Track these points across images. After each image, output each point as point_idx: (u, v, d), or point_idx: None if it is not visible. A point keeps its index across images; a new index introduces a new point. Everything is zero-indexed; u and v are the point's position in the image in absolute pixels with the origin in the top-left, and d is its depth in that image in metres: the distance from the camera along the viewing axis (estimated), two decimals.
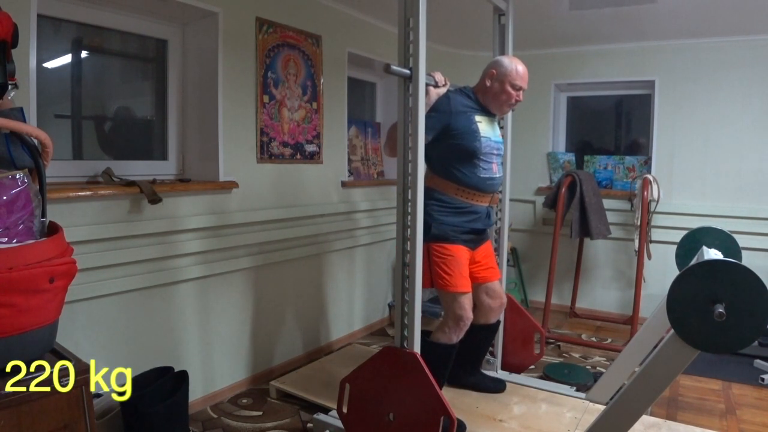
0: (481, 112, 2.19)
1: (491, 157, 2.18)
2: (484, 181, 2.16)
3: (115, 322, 2.11)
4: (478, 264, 2.30)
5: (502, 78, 2.15)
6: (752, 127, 3.47)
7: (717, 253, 2.00)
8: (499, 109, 2.23)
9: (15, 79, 1.41)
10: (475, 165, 2.14)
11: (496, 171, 2.21)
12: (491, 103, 2.20)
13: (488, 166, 2.17)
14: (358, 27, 3.33)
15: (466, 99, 2.19)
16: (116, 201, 2.07)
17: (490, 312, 2.39)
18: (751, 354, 2.99)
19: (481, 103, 2.21)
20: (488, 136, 2.17)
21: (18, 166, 1.33)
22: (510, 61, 2.17)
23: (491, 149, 2.17)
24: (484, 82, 2.20)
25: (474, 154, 2.12)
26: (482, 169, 2.15)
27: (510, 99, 2.17)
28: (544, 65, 4.05)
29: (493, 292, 2.37)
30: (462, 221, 2.16)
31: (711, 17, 3.16)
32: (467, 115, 2.13)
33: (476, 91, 2.23)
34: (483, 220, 2.23)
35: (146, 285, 2.20)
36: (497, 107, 2.21)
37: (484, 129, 2.16)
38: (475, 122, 2.14)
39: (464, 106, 2.15)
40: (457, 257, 2.14)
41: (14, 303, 1.19)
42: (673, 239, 2.77)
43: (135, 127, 2.57)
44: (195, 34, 2.50)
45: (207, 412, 2.42)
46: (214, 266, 2.46)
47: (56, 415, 1.25)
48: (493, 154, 2.19)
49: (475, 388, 2.48)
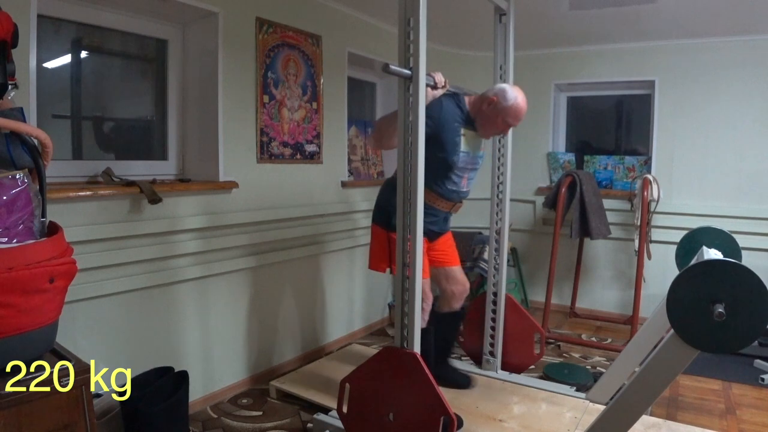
0: (467, 125, 2.17)
1: (465, 172, 2.20)
2: (450, 192, 2.20)
3: (115, 322, 2.11)
4: (436, 251, 2.37)
5: (500, 111, 2.11)
6: (752, 127, 3.47)
7: (717, 253, 1.99)
8: (484, 134, 2.22)
9: (15, 79, 1.41)
10: (447, 177, 2.16)
11: (464, 185, 2.24)
12: (480, 124, 2.18)
13: (459, 180, 2.20)
14: (358, 27, 3.33)
15: (457, 109, 2.15)
16: (116, 201, 2.08)
17: (452, 298, 2.45)
18: (751, 354, 2.99)
19: (471, 116, 2.18)
20: (468, 150, 2.18)
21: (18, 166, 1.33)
22: (514, 98, 2.11)
23: (467, 164, 2.19)
24: (481, 104, 2.15)
25: (449, 167, 2.14)
26: (452, 182, 2.18)
27: (498, 130, 2.19)
28: (544, 65, 4.05)
29: (453, 278, 2.43)
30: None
31: (711, 17, 3.16)
32: (454, 127, 2.12)
33: (469, 104, 2.20)
34: (440, 223, 2.28)
35: (146, 285, 2.20)
36: (484, 131, 2.20)
37: (466, 143, 2.17)
38: (460, 135, 2.14)
39: (453, 117, 2.12)
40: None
41: (14, 303, 1.19)
42: (673, 239, 2.77)
43: (135, 127, 2.57)
44: (195, 34, 2.50)
45: (207, 412, 2.42)
46: (214, 266, 2.46)
47: (56, 415, 1.25)
48: (468, 168, 2.21)
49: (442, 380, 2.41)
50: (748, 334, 1.28)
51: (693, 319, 1.32)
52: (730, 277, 1.29)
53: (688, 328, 1.33)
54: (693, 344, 1.34)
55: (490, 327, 2.63)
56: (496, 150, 2.58)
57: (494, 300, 2.62)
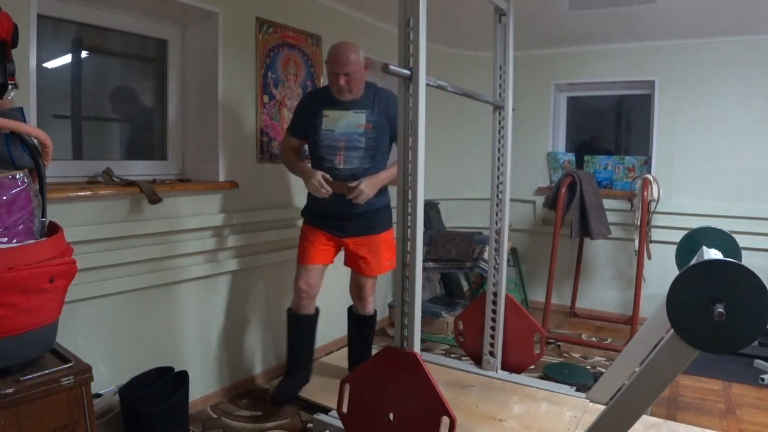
0: (333, 105, 2.26)
1: (335, 150, 2.25)
2: (327, 171, 2.25)
3: (115, 322, 2.11)
4: (350, 253, 2.44)
5: (327, 66, 2.23)
6: (752, 127, 3.47)
7: (717, 253, 1.99)
8: (336, 95, 2.24)
9: (15, 79, 1.41)
10: (320, 157, 2.28)
11: (340, 162, 2.26)
12: (332, 91, 2.25)
13: (331, 158, 2.26)
14: (358, 27, 3.33)
15: (322, 93, 2.32)
16: (116, 201, 2.07)
17: (356, 301, 2.56)
18: (751, 354, 2.99)
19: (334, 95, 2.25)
20: (332, 128, 2.25)
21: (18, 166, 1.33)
22: (331, 47, 2.22)
23: (334, 141, 2.25)
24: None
25: (315, 148, 2.29)
26: (326, 160, 2.26)
27: (336, 86, 2.20)
28: (544, 65, 4.05)
29: (356, 287, 2.51)
30: (314, 204, 2.38)
31: (711, 17, 3.16)
32: (315, 109, 2.27)
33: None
34: (327, 205, 2.29)
35: (146, 285, 2.20)
36: (335, 94, 2.24)
37: (329, 122, 2.25)
38: (321, 116, 2.26)
39: (315, 102, 2.30)
40: (306, 234, 2.41)
41: (14, 303, 1.19)
42: (673, 239, 2.77)
43: (135, 128, 2.57)
44: (195, 34, 2.50)
45: (207, 412, 2.42)
46: (214, 266, 2.46)
47: (56, 415, 1.26)
48: (338, 147, 2.25)
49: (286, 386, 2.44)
50: (748, 334, 1.28)
51: (693, 319, 1.32)
52: (730, 277, 1.29)
53: (688, 328, 1.33)
54: (693, 344, 1.34)
55: (490, 327, 2.62)
56: (496, 150, 2.58)
57: (494, 300, 2.62)
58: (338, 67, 2.16)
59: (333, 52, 2.18)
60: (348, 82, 2.19)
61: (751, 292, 1.27)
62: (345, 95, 2.23)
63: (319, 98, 2.31)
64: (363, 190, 2.21)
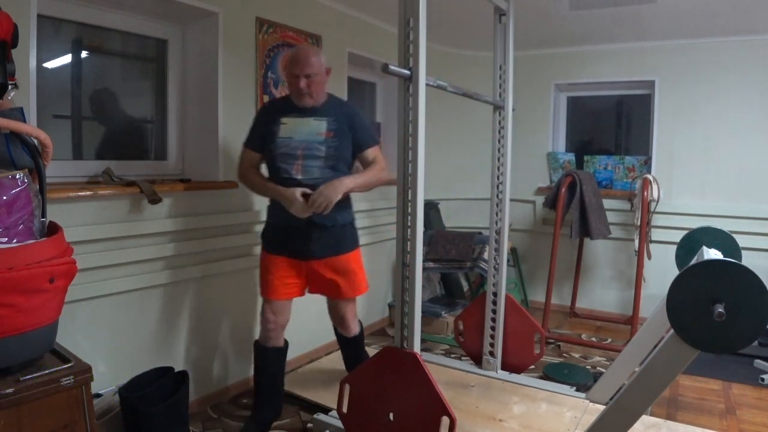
0: (292, 112, 2.13)
1: (290, 159, 2.10)
2: (284, 180, 2.10)
3: (115, 322, 2.11)
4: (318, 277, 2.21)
5: (286, 69, 2.12)
6: (752, 127, 3.47)
7: (717, 253, 1.99)
8: (296, 100, 2.11)
9: (15, 79, 1.41)
10: (276, 168, 2.13)
11: (297, 173, 2.09)
12: (292, 96, 2.13)
13: (288, 168, 2.10)
14: (358, 27, 3.33)
15: (281, 102, 2.20)
16: (116, 201, 2.07)
17: (339, 327, 2.40)
18: (751, 354, 2.99)
19: (295, 102, 2.13)
20: (290, 136, 2.11)
21: (18, 166, 1.33)
22: (290, 51, 2.14)
23: (291, 150, 2.10)
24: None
25: (271, 157, 2.13)
26: (282, 170, 2.11)
27: (295, 88, 2.08)
28: (544, 65, 4.05)
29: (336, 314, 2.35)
30: (274, 222, 2.20)
31: (711, 17, 3.16)
32: (273, 117, 2.14)
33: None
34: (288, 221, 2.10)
35: (146, 285, 2.20)
36: (294, 99, 2.12)
37: (288, 129, 2.11)
38: (279, 123, 2.12)
39: (273, 110, 2.17)
40: (267, 265, 2.21)
41: (14, 303, 1.19)
42: (673, 239, 2.77)
43: (135, 127, 2.57)
44: (195, 34, 2.50)
45: (207, 412, 2.42)
46: (214, 266, 2.46)
47: (56, 415, 1.26)
48: (295, 155, 2.10)
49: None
50: (748, 334, 1.28)
51: (693, 319, 1.32)
52: (730, 277, 1.29)
53: (688, 328, 1.33)
54: (693, 344, 1.34)
55: (490, 327, 2.62)
56: (496, 150, 2.58)
57: (494, 300, 2.62)
58: (299, 68, 2.04)
59: (293, 54, 2.09)
60: (309, 85, 2.06)
61: (751, 292, 1.27)
62: (306, 100, 2.09)
63: (277, 106, 2.19)
64: (322, 191, 2.03)
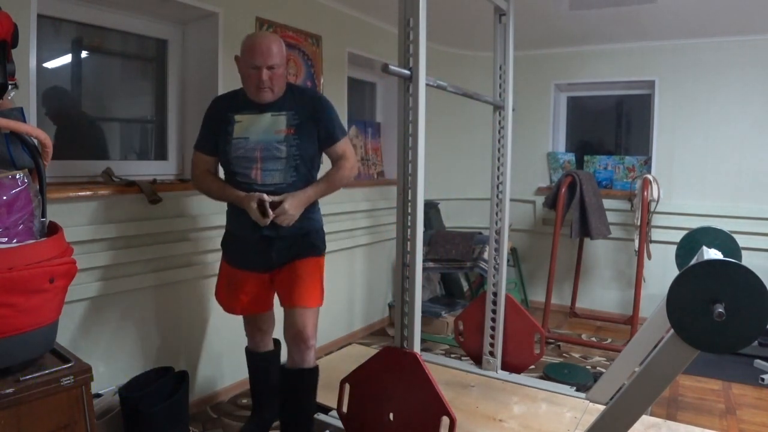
0: (247, 108, 1.87)
1: (247, 162, 1.85)
2: (242, 188, 1.86)
3: (115, 322, 2.11)
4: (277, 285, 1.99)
5: (241, 59, 1.85)
6: (752, 127, 3.47)
7: (717, 253, 1.99)
8: (253, 96, 1.85)
9: (15, 79, 1.41)
10: (232, 172, 1.89)
11: (256, 177, 1.85)
12: (246, 89, 1.87)
13: (246, 172, 1.86)
14: (358, 27, 3.33)
15: (232, 98, 1.94)
16: (116, 201, 2.07)
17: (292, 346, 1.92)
18: (751, 354, 2.99)
19: (249, 97, 1.88)
20: (245, 135, 1.86)
21: (18, 166, 1.33)
22: (248, 38, 1.84)
23: (248, 151, 1.85)
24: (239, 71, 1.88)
25: (226, 161, 1.89)
26: (239, 174, 1.87)
27: (253, 81, 1.80)
28: (544, 65, 4.05)
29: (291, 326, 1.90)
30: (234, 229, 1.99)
31: (711, 17, 3.16)
32: (225, 115, 1.89)
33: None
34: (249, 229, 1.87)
35: (146, 285, 2.20)
36: (251, 94, 1.86)
37: (243, 128, 1.87)
38: (233, 122, 1.87)
39: (225, 107, 1.91)
40: (231, 279, 2.00)
41: (14, 303, 1.19)
42: (673, 239, 2.77)
43: (135, 127, 2.57)
44: (195, 34, 2.50)
45: (207, 412, 2.42)
46: (214, 266, 2.45)
47: (56, 415, 1.26)
48: (251, 158, 1.85)
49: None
50: (748, 334, 1.28)
51: (693, 319, 1.32)
52: (730, 277, 1.28)
53: (688, 328, 1.33)
54: (693, 344, 1.34)
55: (490, 327, 2.62)
56: (496, 150, 2.58)
57: (494, 300, 2.62)
58: (260, 58, 1.77)
59: (252, 42, 1.80)
60: (271, 78, 1.80)
61: (751, 292, 1.27)
62: (265, 95, 1.83)
63: (229, 102, 1.92)
64: (287, 210, 1.81)
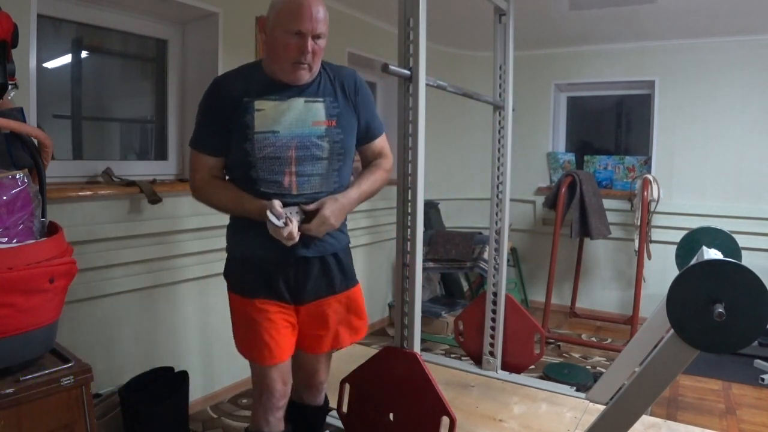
0: (269, 93, 1.42)
1: (278, 165, 1.40)
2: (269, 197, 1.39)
3: (115, 322, 2.11)
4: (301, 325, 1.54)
5: (273, 24, 1.37)
6: (752, 127, 3.47)
7: (717, 253, 1.99)
8: (285, 74, 1.40)
9: (15, 79, 1.41)
10: (253, 180, 1.41)
11: (291, 185, 1.41)
12: (275, 68, 1.41)
13: (276, 178, 1.40)
14: (358, 27, 3.33)
15: (245, 77, 1.45)
16: (116, 201, 2.07)
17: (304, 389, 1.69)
18: (751, 354, 2.99)
19: (272, 76, 1.43)
20: (274, 129, 1.40)
21: (18, 166, 1.33)
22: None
23: (279, 150, 1.40)
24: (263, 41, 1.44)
25: (245, 164, 1.41)
26: (266, 183, 1.41)
27: (289, 53, 1.35)
28: (544, 65, 4.05)
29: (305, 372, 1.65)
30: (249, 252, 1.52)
31: (711, 17, 3.16)
32: (239, 103, 1.41)
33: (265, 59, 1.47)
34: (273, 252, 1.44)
35: (146, 285, 2.20)
36: (282, 71, 1.40)
37: (268, 119, 1.40)
38: (251, 111, 1.40)
39: (236, 91, 1.42)
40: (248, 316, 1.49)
41: (14, 303, 1.19)
42: (673, 239, 2.77)
43: (135, 127, 2.57)
44: (195, 34, 2.50)
45: (207, 412, 2.42)
46: (214, 266, 2.46)
47: (56, 415, 1.25)
48: (283, 159, 1.40)
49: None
50: (748, 334, 1.28)
51: (693, 319, 1.32)
52: (730, 277, 1.28)
53: (688, 328, 1.33)
54: (693, 344, 1.34)
55: (490, 327, 2.62)
56: (496, 150, 2.58)
57: (494, 300, 2.62)
58: (307, 23, 1.33)
59: (293, 4, 1.34)
60: (314, 52, 1.37)
61: (751, 292, 1.27)
62: (304, 74, 1.40)
63: (243, 84, 1.43)
64: (328, 218, 1.40)
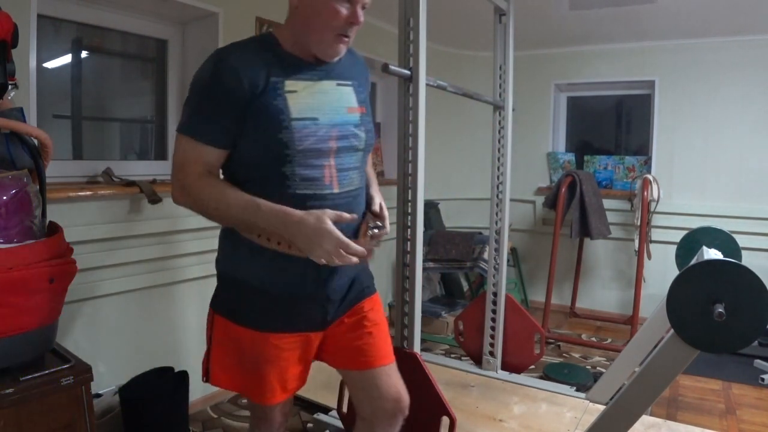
0: (298, 72, 1.15)
1: (318, 158, 1.14)
2: (303, 203, 1.12)
3: (115, 322, 2.11)
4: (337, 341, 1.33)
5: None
6: (752, 127, 3.47)
7: (717, 253, 1.99)
8: (323, 47, 1.14)
9: (15, 79, 1.42)
10: (282, 178, 1.12)
11: (332, 183, 1.16)
12: (310, 40, 1.14)
13: (316, 175, 1.14)
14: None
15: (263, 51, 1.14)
16: (116, 201, 2.07)
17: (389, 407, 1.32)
18: (751, 354, 2.99)
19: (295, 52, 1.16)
20: (314, 116, 1.14)
21: (18, 166, 1.33)
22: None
23: (320, 141, 1.14)
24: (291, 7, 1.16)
25: (280, 158, 1.11)
26: (297, 181, 1.12)
27: (338, 21, 1.10)
28: (544, 65, 4.05)
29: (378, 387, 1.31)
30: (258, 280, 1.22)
31: (711, 17, 3.16)
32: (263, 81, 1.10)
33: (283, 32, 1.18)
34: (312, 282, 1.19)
35: (146, 285, 2.20)
36: (319, 44, 1.14)
37: (303, 104, 1.13)
38: (280, 93, 1.11)
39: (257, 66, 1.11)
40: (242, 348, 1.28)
41: (14, 303, 1.20)
42: (673, 239, 2.77)
43: (135, 127, 2.57)
44: (195, 34, 2.50)
45: (207, 412, 2.42)
46: (214, 266, 2.46)
47: (56, 415, 1.26)
48: (323, 152, 1.14)
49: None
50: (748, 334, 1.28)
51: (693, 319, 1.32)
52: (730, 277, 1.29)
53: (688, 328, 1.33)
54: (693, 344, 1.34)
55: (490, 327, 2.63)
56: (496, 150, 2.58)
57: (494, 300, 2.62)
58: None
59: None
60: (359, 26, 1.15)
61: (751, 292, 1.27)
62: (342, 49, 1.17)
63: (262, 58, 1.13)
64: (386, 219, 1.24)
